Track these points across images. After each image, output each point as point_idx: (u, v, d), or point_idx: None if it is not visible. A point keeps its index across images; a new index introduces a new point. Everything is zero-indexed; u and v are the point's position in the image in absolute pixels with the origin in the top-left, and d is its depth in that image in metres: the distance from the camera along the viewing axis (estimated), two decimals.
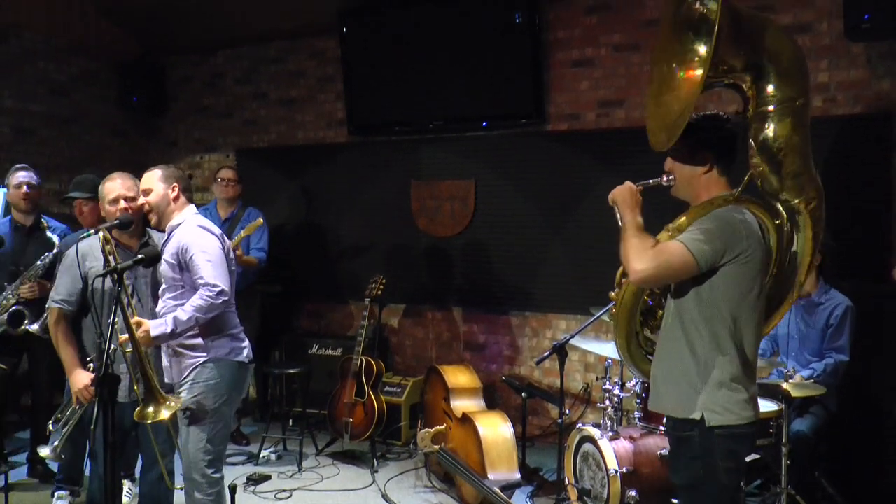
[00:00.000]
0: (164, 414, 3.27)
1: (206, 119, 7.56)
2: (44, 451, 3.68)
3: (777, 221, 2.66)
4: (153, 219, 3.66)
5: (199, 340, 3.51)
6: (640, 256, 2.45)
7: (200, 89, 7.58)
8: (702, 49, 2.54)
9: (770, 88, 2.57)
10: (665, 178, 2.67)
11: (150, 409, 3.26)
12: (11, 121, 6.54)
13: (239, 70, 7.36)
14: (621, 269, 2.70)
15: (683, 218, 2.57)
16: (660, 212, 2.67)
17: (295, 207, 6.98)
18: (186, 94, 7.66)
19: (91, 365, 3.64)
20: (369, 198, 6.64)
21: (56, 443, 3.63)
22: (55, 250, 4.62)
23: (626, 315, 2.73)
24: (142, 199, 3.63)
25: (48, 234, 4.79)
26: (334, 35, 6.53)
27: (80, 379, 3.58)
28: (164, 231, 3.67)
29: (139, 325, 3.32)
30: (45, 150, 6.78)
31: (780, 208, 2.64)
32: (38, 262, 4.62)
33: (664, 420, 2.83)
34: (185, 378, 3.54)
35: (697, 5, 2.59)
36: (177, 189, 3.62)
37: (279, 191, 7.00)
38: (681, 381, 2.57)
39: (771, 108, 2.56)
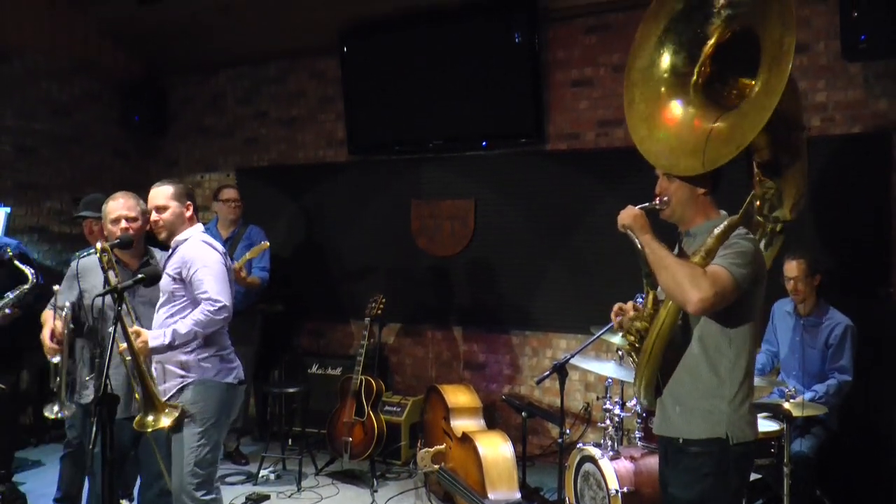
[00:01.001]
0: (165, 421, 3.27)
1: (207, 138, 7.59)
2: (48, 413, 3.63)
3: None
4: (163, 234, 3.65)
5: (186, 358, 3.49)
6: (699, 284, 2.41)
7: (202, 109, 7.61)
8: (700, 71, 2.59)
9: (779, 118, 2.57)
10: (658, 202, 2.67)
11: (150, 418, 3.26)
12: (13, 140, 6.57)
13: (240, 90, 7.39)
14: (651, 296, 2.66)
15: (713, 241, 2.52)
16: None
17: (295, 226, 6.99)
18: (187, 114, 7.69)
19: (88, 380, 3.63)
20: (369, 217, 6.66)
21: (56, 406, 3.61)
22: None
23: (662, 345, 2.62)
24: (154, 216, 3.62)
25: None
26: (334, 55, 6.57)
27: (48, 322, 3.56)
28: (169, 248, 3.69)
29: (138, 334, 3.31)
30: (46, 169, 6.80)
31: (764, 226, 2.70)
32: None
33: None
34: (170, 398, 3.52)
35: (704, 21, 2.63)
36: (191, 208, 3.66)
37: (280, 210, 7.01)
38: (703, 402, 2.59)
39: (777, 136, 2.62)
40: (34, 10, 6.62)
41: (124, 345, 3.26)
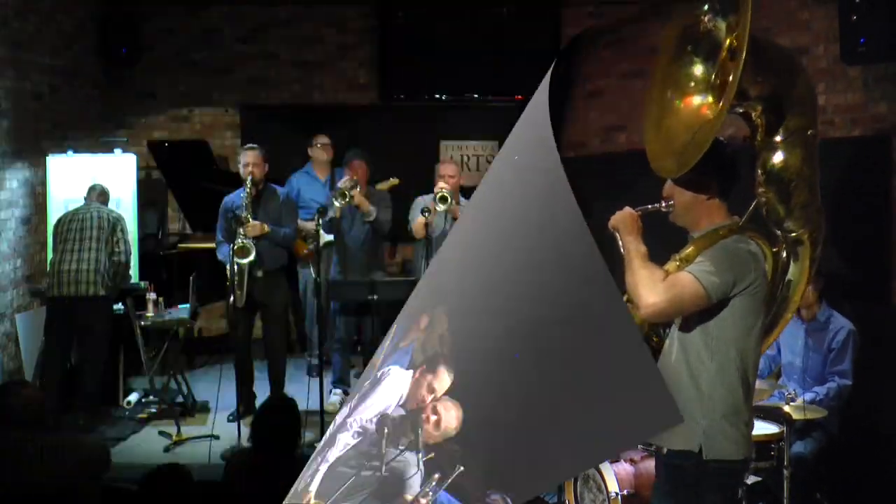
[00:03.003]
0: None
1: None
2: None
3: (774, 249, 2.59)
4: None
5: None
6: (652, 289, 2.37)
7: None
8: (718, 75, 2.45)
9: (782, 118, 2.50)
10: (664, 205, 2.60)
11: None
12: None
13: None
14: (625, 297, 2.57)
15: (691, 248, 2.50)
16: (663, 238, 2.62)
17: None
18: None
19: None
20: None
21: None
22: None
23: None
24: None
25: None
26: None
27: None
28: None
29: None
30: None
31: (781, 236, 2.58)
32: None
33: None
34: None
35: (713, 31, 2.53)
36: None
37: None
38: (682, 413, 2.51)
39: (781, 138, 2.49)
40: None
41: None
